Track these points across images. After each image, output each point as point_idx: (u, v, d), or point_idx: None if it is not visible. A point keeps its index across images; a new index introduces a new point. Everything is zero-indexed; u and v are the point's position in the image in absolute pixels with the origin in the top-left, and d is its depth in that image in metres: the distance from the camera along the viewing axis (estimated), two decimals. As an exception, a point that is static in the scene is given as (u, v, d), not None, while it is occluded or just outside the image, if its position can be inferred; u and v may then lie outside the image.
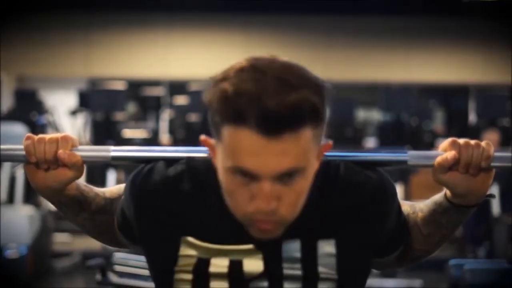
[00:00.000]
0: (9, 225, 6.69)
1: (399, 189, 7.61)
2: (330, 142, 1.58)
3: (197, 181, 1.64)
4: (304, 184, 1.52)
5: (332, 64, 12.51)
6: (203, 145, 1.59)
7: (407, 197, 9.05)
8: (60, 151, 1.66)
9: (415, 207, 1.75)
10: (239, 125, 1.46)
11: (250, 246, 1.60)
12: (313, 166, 1.54)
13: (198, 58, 12.39)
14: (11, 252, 6.61)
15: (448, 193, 1.69)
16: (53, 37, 12.86)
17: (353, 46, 12.93)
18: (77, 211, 1.76)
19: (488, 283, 4.48)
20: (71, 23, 12.79)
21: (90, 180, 8.66)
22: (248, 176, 1.49)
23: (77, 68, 12.97)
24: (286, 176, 1.49)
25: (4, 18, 11.72)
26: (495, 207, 7.34)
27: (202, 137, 1.58)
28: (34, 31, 12.74)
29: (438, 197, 1.72)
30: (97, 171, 8.56)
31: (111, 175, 8.34)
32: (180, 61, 12.77)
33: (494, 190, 7.02)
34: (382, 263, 1.77)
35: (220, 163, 1.52)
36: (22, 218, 6.89)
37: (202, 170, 1.65)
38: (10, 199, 7.14)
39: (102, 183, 8.29)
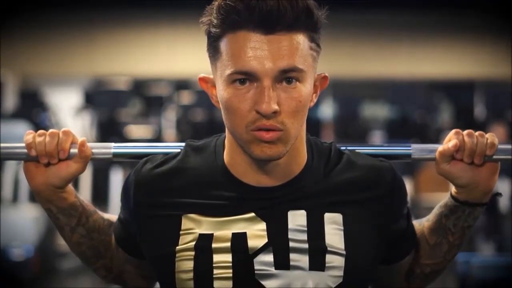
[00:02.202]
0: (14, 225, 6.68)
1: (408, 184, 7.57)
2: (326, 74, 1.64)
3: (195, 157, 1.66)
4: (303, 92, 1.55)
5: (337, 59, 12.48)
6: (201, 85, 1.64)
7: (416, 191, 9.02)
8: (83, 139, 1.67)
9: (421, 220, 1.75)
10: (238, 29, 1.53)
11: (251, 214, 1.59)
12: (311, 77, 1.57)
13: (204, 55, 12.33)
14: (17, 252, 6.60)
15: (454, 189, 1.68)
16: (57, 36, 12.86)
17: (357, 41, 12.91)
18: (75, 224, 1.73)
19: (496, 279, 4.45)
20: (74, 21, 12.79)
21: (95, 181, 8.64)
22: (248, 80, 1.53)
23: (81, 66, 12.96)
24: (285, 79, 1.53)
25: (7, 17, 11.71)
26: (504, 201, 7.31)
27: (200, 75, 1.64)
28: (37, 29, 12.73)
29: (444, 199, 1.71)
30: (101, 172, 8.54)
31: (116, 176, 8.32)
32: (185, 58, 12.76)
33: (503, 186, 7.00)
34: (391, 279, 1.75)
35: (220, 80, 1.56)
36: (28, 218, 6.89)
37: (200, 146, 1.67)
38: (15, 198, 7.13)
39: (106, 183, 8.28)
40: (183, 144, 1.71)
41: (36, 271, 6.80)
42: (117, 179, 8.24)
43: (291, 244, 1.58)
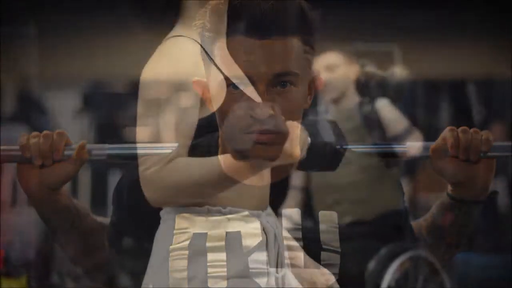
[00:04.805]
0: (13, 227, 6.66)
1: (406, 185, 7.56)
2: (321, 76, 1.62)
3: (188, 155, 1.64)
4: (298, 96, 1.54)
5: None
6: (195, 88, 1.63)
7: (414, 191, 9.00)
8: (84, 141, 1.68)
9: (419, 220, 1.75)
10: (232, 34, 1.51)
11: (245, 213, 1.58)
12: (306, 80, 1.56)
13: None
14: (16, 254, 6.59)
15: (450, 187, 1.67)
16: (55, 37, 12.85)
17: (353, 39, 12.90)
18: (69, 225, 1.72)
19: (495, 279, 4.45)
20: (72, 22, 12.77)
21: (93, 183, 8.62)
22: (242, 84, 1.51)
23: (79, 68, 12.94)
24: (280, 83, 1.52)
25: (5, 18, 11.70)
26: (503, 200, 7.29)
27: (194, 79, 1.62)
28: (35, 31, 12.72)
29: (441, 198, 1.71)
30: (99, 175, 8.51)
31: (115, 179, 8.29)
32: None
33: (501, 185, 6.98)
34: None
35: (214, 84, 1.55)
36: (26, 219, 6.87)
37: (194, 145, 1.68)
38: (14, 200, 7.11)
39: (104, 185, 8.25)
40: (177, 144, 1.70)
41: (36, 273, 6.78)
42: (115, 182, 8.22)
43: (286, 242, 1.58)
